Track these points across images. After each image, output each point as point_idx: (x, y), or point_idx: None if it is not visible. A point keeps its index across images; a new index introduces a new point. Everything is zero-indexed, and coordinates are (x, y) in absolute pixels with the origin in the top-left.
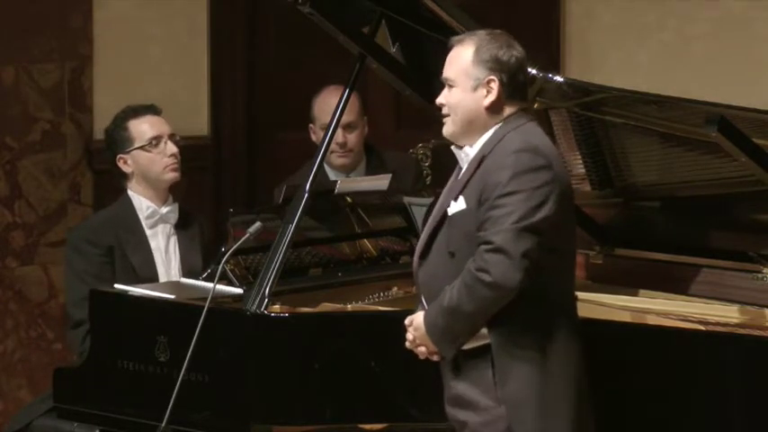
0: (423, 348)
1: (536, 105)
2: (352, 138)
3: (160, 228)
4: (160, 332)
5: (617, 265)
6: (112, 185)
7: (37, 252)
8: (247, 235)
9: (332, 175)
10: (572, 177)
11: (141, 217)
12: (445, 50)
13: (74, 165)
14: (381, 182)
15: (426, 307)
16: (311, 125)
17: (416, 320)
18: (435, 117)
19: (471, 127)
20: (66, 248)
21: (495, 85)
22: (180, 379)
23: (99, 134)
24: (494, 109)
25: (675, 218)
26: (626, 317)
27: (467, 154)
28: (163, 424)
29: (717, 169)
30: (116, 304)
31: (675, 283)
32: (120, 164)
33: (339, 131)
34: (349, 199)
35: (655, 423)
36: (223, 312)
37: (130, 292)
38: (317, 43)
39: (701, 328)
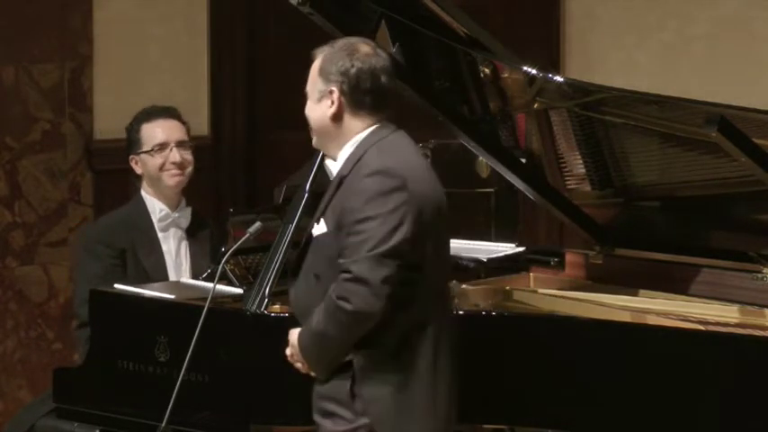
0: (299, 365)
1: (536, 105)
2: None
3: (172, 231)
4: (160, 332)
5: (617, 265)
6: (113, 185)
7: (37, 252)
8: (247, 235)
9: (332, 175)
10: (572, 177)
11: (154, 219)
12: (445, 50)
13: (74, 165)
14: None
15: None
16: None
17: (292, 338)
18: (435, 117)
19: (327, 139)
20: (79, 248)
21: (335, 97)
22: (180, 379)
23: (99, 134)
24: (339, 120)
25: (675, 218)
26: (626, 317)
27: (329, 169)
28: (163, 424)
29: (717, 169)
30: (116, 304)
31: (675, 283)
32: (132, 164)
33: None
34: None
35: (654, 423)
36: (223, 312)
37: (130, 292)
38: (317, 43)
39: (701, 328)
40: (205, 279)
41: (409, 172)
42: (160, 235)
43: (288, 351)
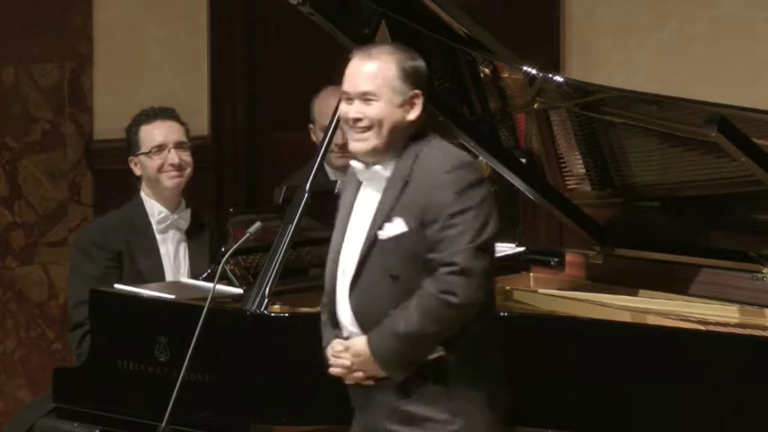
0: (360, 374)
1: (536, 105)
2: None
3: (171, 233)
4: (160, 332)
5: (617, 265)
6: (113, 185)
7: (37, 252)
8: (247, 235)
9: (332, 175)
10: (572, 177)
11: (152, 221)
12: (445, 50)
13: (74, 165)
14: None
15: (350, 333)
16: (311, 126)
17: (356, 347)
18: (435, 117)
19: (392, 142)
20: (75, 249)
21: (419, 101)
22: (180, 379)
23: (99, 134)
24: (414, 124)
25: (675, 218)
26: (626, 317)
27: (376, 173)
28: (163, 424)
29: (717, 169)
30: (116, 304)
31: (675, 283)
32: (132, 165)
33: (339, 132)
34: None
35: (654, 422)
36: (223, 312)
37: (130, 292)
38: (317, 43)
39: (701, 328)
40: (205, 279)
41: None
42: (158, 237)
43: (344, 362)
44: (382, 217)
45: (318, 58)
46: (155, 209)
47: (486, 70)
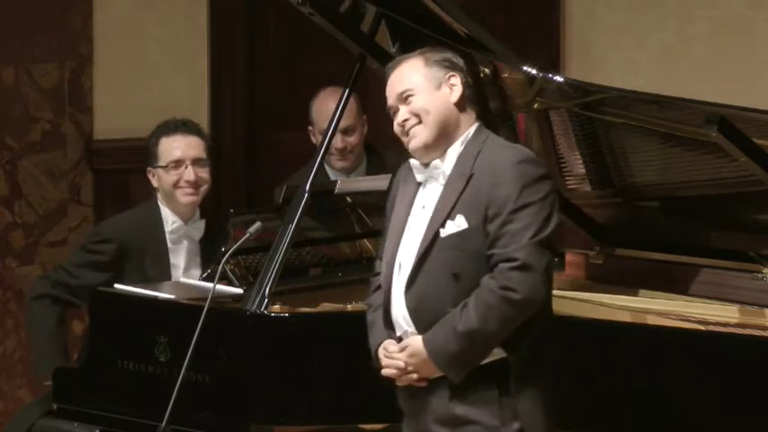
0: (414, 375)
1: (536, 105)
2: (352, 140)
3: (184, 244)
4: (160, 332)
5: (617, 265)
6: (113, 185)
7: (37, 252)
8: (247, 235)
9: (332, 175)
10: (572, 177)
11: (166, 230)
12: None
13: (74, 165)
14: (381, 182)
15: (404, 331)
16: (310, 128)
17: (413, 347)
18: None
19: (446, 128)
20: (86, 239)
21: (456, 81)
22: (180, 379)
23: (99, 134)
24: (461, 107)
25: (675, 218)
26: (626, 317)
27: (436, 168)
28: (163, 424)
29: (717, 169)
30: (116, 304)
31: (675, 283)
32: (150, 176)
33: (338, 137)
34: (349, 199)
35: (654, 423)
36: (223, 312)
37: (130, 292)
38: (317, 43)
39: (701, 328)
40: (205, 279)
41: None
42: (171, 246)
43: (399, 363)
44: (444, 214)
45: (318, 58)
46: (169, 218)
47: (486, 70)
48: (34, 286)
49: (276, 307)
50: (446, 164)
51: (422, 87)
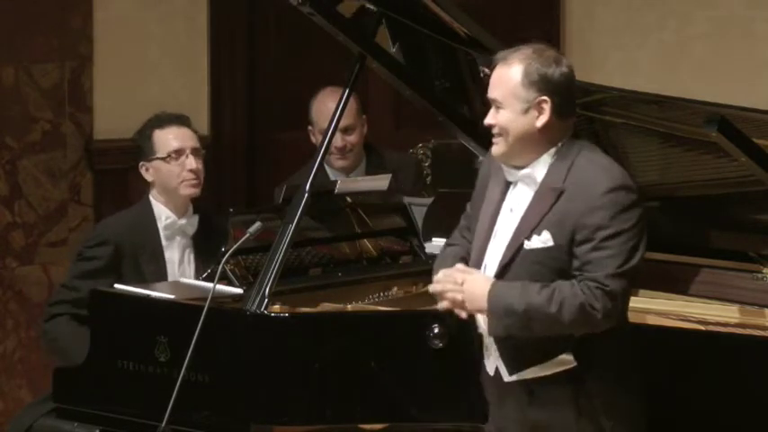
0: (459, 296)
1: None
2: (351, 140)
3: (177, 239)
4: (160, 332)
5: None
6: (113, 185)
7: (37, 252)
8: (247, 235)
9: (332, 175)
10: None
11: (159, 226)
12: (445, 50)
13: (74, 165)
14: (381, 182)
15: (483, 330)
16: (310, 127)
17: (480, 275)
18: (435, 117)
19: (525, 148)
20: (80, 245)
21: (546, 107)
22: (180, 379)
23: (99, 134)
24: (547, 129)
25: (675, 218)
26: None
27: (528, 176)
28: (163, 424)
29: (717, 169)
30: (116, 304)
31: (675, 283)
32: (143, 171)
33: (338, 136)
34: (349, 199)
35: (654, 423)
36: (223, 312)
37: (130, 292)
38: (317, 43)
39: (701, 328)
40: (205, 279)
41: (633, 182)
42: (164, 243)
43: (457, 277)
44: (530, 227)
45: (318, 59)
46: (162, 214)
47: (486, 70)
48: (44, 313)
49: (276, 307)
50: (537, 172)
51: (509, 105)
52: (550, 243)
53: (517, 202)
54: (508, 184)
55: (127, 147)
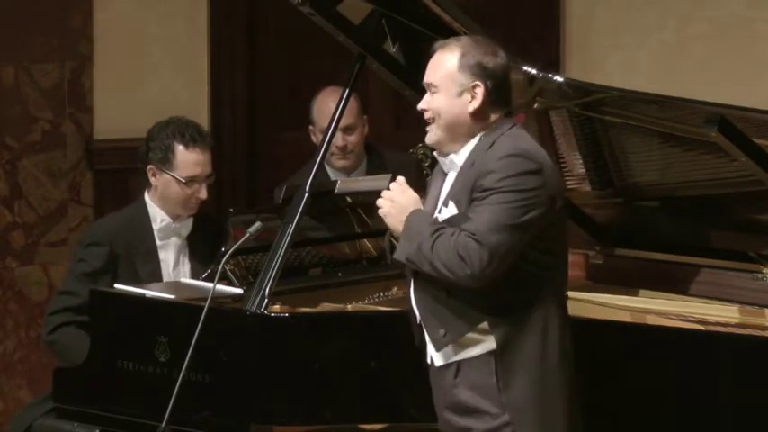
0: (387, 205)
1: (536, 105)
2: (352, 140)
3: (172, 240)
4: (160, 332)
5: (617, 265)
6: (113, 185)
7: (37, 252)
8: (247, 235)
9: (332, 175)
10: (572, 177)
11: (154, 228)
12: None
13: (74, 165)
14: (381, 182)
15: (416, 315)
16: (311, 127)
17: (411, 198)
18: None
19: (455, 133)
20: (77, 245)
21: (479, 91)
22: (180, 379)
23: (99, 134)
24: (478, 115)
25: (675, 218)
26: (626, 317)
27: (452, 161)
28: (163, 424)
29: (717, 169)
30: (116, 304)
31: (675, 283)
32: (150, 174)
33: (339, 135)
34: (349, 199)
35: (654, 423)
36: (223, 312)
37: (130, 292)
38: (317, 43)
39: (701, 328)
40: (205, 279)
41: (544, 159)
42: (159, 243)
43: (392, 194)
44: (442, 201)
45: (318, 58)
46: (157, 216)
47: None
48: (45, 323)
49: (276, 307)
50: (460, 157)
51: (444, 89)
52: (455, 211)
53: (447, 190)
54: (445, 177)
55: (127, 147)
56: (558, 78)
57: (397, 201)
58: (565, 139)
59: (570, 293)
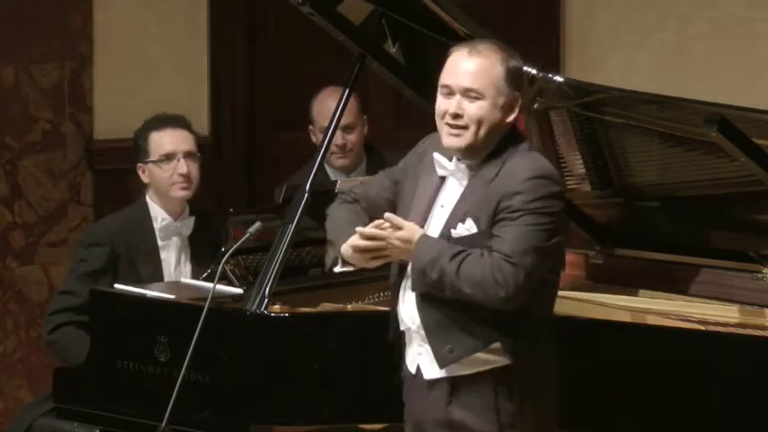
0: (386, 253)
1: (536, 105)
2: (352, 138)
3: (173, 240)
4: (160, 332)
5: (617, 265)
6: (113, 185)
7: (37, 252)
8: (247, 235)
9: (332, 175)
10: (572, 177)
11: (155, 227)
12: (445, 50)
13: (74, 165)
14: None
15: (407, 328)
16: (310, 126)
17: (409, 230)
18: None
19: (488, 141)
20: (77, 245)
21: (517, 104)
22: (180, 379)
23: (99, 134)
24: (507, 127)
25: (675, 218)
26: (626, 317)
27: (461, 170)
28: (163, 424)
29: (717, 169)
30: (116, 304)
31: (675, 283)
32: (140, 172)
33: (339, 134)
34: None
35: (654, 423)
36: (223, 312)
37: (130, 292)
38: (317, 43)
39: (701, 328)
40: (205, 279)
41: (561, 182)
42: (160, 243)
43: (387, 235)
44: (457, 217)
45: (318, 58)
46: (158, 215)
47: None
48: (45, 323)
49: (276, 307)
50: (473, 167)
51: (490, 97)
52: (474, 230)
53: (448, 197)
54: (441, 181)
55: (127, 147)
56: (558, 78)
57: (395, 237)
58: (565, 139)
59: (570, 293)
